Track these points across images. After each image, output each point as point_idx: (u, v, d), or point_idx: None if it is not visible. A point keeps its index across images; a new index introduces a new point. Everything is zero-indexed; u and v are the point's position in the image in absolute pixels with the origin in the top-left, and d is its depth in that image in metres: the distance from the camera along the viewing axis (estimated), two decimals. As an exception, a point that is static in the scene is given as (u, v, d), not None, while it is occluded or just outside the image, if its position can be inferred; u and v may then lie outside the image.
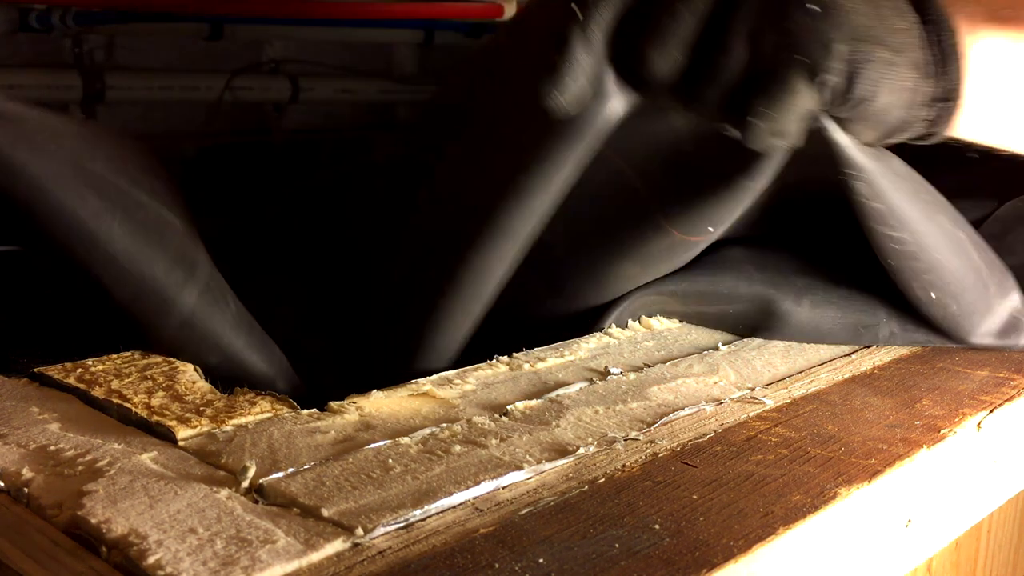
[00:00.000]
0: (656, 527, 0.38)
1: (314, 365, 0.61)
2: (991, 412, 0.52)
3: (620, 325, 0.66)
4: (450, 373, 0.57)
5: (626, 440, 0.47)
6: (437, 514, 0.39)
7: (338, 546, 0.37)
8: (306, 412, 0.50)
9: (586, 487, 0.42)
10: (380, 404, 0.51)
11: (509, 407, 0.51)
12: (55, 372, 0.55)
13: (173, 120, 1.66)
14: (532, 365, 0.58)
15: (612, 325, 0.66)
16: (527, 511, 0.40)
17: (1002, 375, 0.58)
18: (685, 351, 0.62)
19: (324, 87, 1.81)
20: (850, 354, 0.63)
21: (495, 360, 0.59)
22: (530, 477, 0.43)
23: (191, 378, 0.55)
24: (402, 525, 0.38)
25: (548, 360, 0.59)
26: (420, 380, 0.55)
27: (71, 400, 0.52)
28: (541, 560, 0.36)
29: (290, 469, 0.43)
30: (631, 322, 0.67)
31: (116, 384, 0.53)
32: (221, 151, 1.69)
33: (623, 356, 0.61)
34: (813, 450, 0.46)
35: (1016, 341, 0.63)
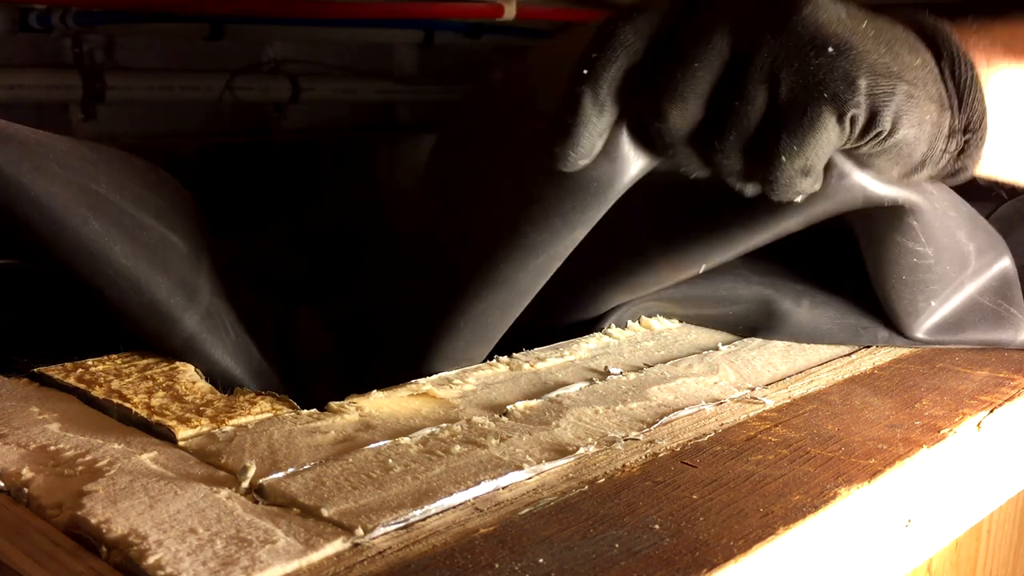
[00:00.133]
0: (656, 527, 0.38)
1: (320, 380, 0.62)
2: (991, 412, 0.52)
3: (620, 325, 0.66)
4: (450, 373, 0.57)
5: (626, 440, 0.47)
6: (437, 514, 0.39)
7: (338, 546, 0.37)
8: (306, 412, 0.50)
9: (586, 487, 0.42)
10: (380, 404, 0.51)
11: (509, 407, 0.51)
12: (55, 372, 0.55)
13: (173, 120, 1.66)
14: (532, 365, 0.59)
15: (612, 325, 0.66)
16: (527, 511, 0.40)
17: (1002, 375, 0.58)
18: (685, 351, 0.62)
19: (324, 87, 1.81)
20: (850, 354, 0.63)
21: (495, 360, 0.59)
22: (530, 477, 0.43)
23: (191, 378, 0.55)
24: (402, 525, 0.38)
25: (548, 360, 0.59)
26: (420, 380, 0.55)
27: (71, 400, 0.52)
28: (541, 560, 0.36)
29: (290, 469, 0.43)
30: (631, 322, 0.67)
31: (116, 384, 0.53)
32: (221, 151, 1.69)
33: (623, 356, 0.61)
34: (813, 450, 0.46)
35: (1013, 337, 0.63)
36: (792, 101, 0.46)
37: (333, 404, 0.51)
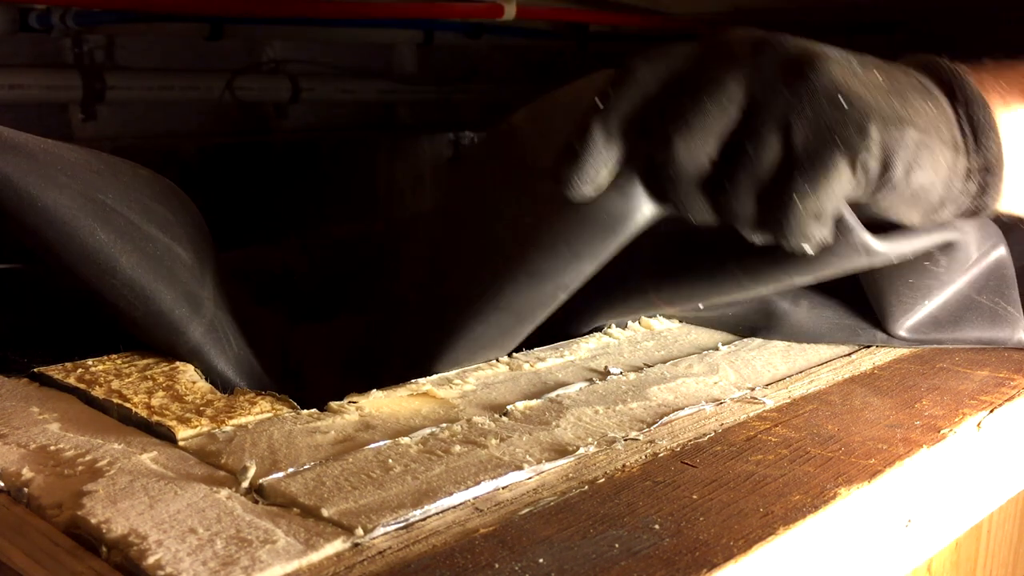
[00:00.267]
0: (656, 527, 0.38)
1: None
2: (991, 412, 0.52)
3: (620, 325, 0.66)
4: (450, 373, 0.57)
5: (626, 440, 0.47)
6: (437, 514, 0.39)
7: (338, 546, 0.37)
8: (306, 412, 0.50)
9: (586, 487, 0.42)
10: (380, 404, 0.51)
11: (509, 407, 0.51)
12: (55, 372, 0.55)
13: (173, 120, 1.66)
14: (532, 365, 0.59)
15: (612, 325, 0.66)
16: (527, 511, 0.40)
17: (1002, 375, 0.58)
18: (685, 351, 0.62)
19: (324, 87, 1.81)
20: (850, 354, 0.63)
21: (495, 360, 0.59)
22: (530, 477, 0.43)
23: (191, 378, 0.55)
24: (402, 525, 0.38)
25: (548, 360, 0.59)
26: (420, 380, 0.55)
27: (71, 400, 0.52)
28: (541, 560, 0.36)
29: (290, 469, 0.43)
30: (631, 322, 0.67)
31: (116, 384, 0.53)
32: (221, 151, 1.69)
33: (623, 356, 0.61)
34: (813, 450, 0.46)
35: (1010, 336, 0.63)
36: (806, 147, 0.46)
37: (333, 404, 0.51)
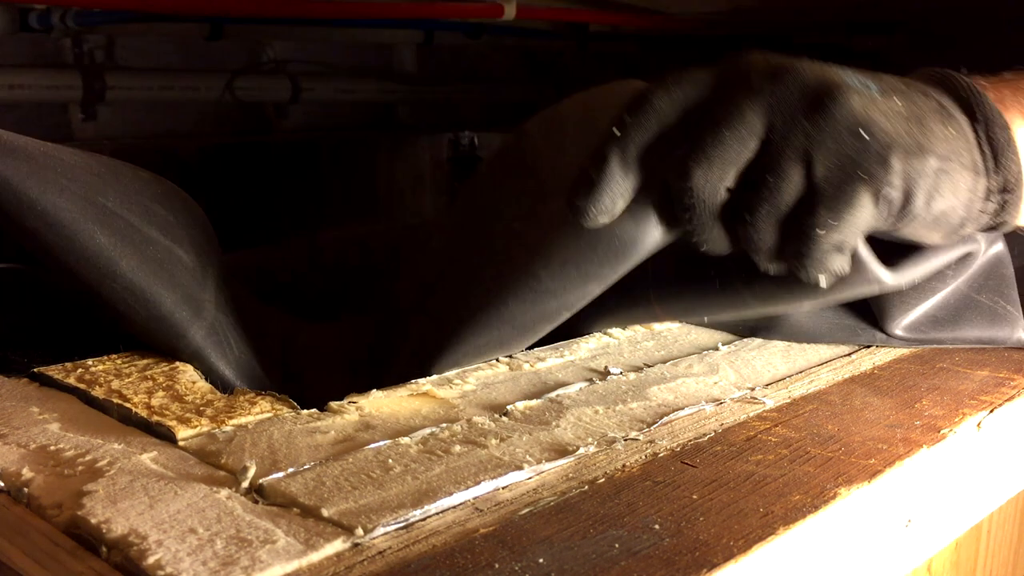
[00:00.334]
0: (656, 527, 0.38)
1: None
2: (991, 412, 0.52)
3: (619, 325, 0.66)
4: (450, 373, 0.57)
5: (626, 440, 0.47)
6: (437, 514, 0.39)
7: (338, 546, 0.37)
8: (306, 412, 0.50)
9: (586, 487, 0.42)
10: (380, 404, 0.51)
11: (509, 407, 0.51)
12: (55, 372, 0.55)
13: (173, 120, 1.66)
14: (532, 365, 0.59)
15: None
16: (527, 511, 0.40)
17: (1002, 375, 0.58)
18: (685, 351, 0.62)
19: (324, 87, 1.81)
20: (850, 354, 0.63)
21: (495, 360, 0.59)
22: (530, 477, 0.43)
23: (191, 378, 0.55)
24: (402, 525, 0.38)
25: (548, 360, 0.59)
26: (420, 380, 0.55)
27: (71, 400, 0.52)
28: (541, 560, 0.36)
29: (290, 469, 0.43)
30: (631, 322, 0.67)
31: (116, 384, 0.53)
32: (221, 151, 1.69)
33: (623, 356, 0.61)
34: (813, 450, 0.46)
35: (1009, 335, 0.63)
36: (828, 179, 0.46)
37: (333, 404, 0.51)
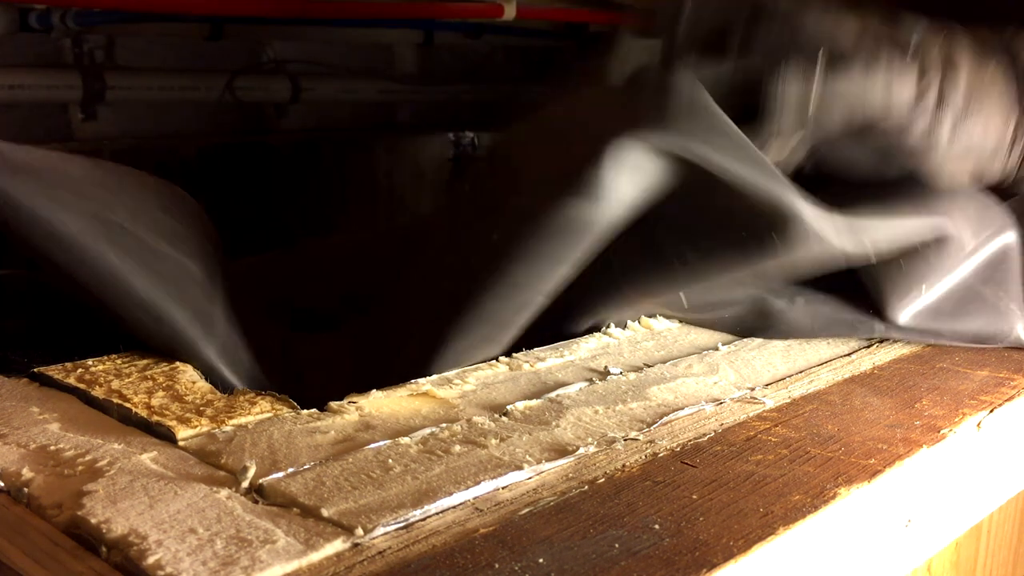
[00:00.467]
0: (656, 527, 0.38)
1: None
2: (991, 412, 0.52)
3: (619, 325, 0.66)
4: (450, 373, 0.57)
5: (626, 440, 0.47)
6: (437, 514, 0.39)
7: (338, 546, 0.37)
8: (306, 412, 0.50)
9: (586, 487, 0.42)
10: (380, 404, 0.51)
11: (509, 407, 0.51)
12: (55, 372, 0.55)
13: (173, 120, 1.66)
14: (532, 365, 0.58)
15: (611, 325, 0.66)
16: (527, 511, 0.40)
17: (1002, 375, 0.58)
18: (685, 351, 0.62)
19: (324, 87, 1.81)
20: (850, 354, 0.63)
21: (495, 360, 0.59)
22: (530, 477, 0.43)
23: (191, 378, 0.55)
24: (402, 525, 0.38)
25: (548, 360, 0.59)
26: (420, 380, 0.55)
27: (71, 400, 0.52)
28: (541, 560, 0.36)
29: (290, 469, 0.43)
30: (631, 322, 0.67)
31: (116, 384, 0.53)
32: (221, 151, 1.69)
33: (623, 356, 0.61)
34: (813, 450, 0.46)
35: (1008, 333, 0.63)
36: None
37: (333, 404, 0.51)
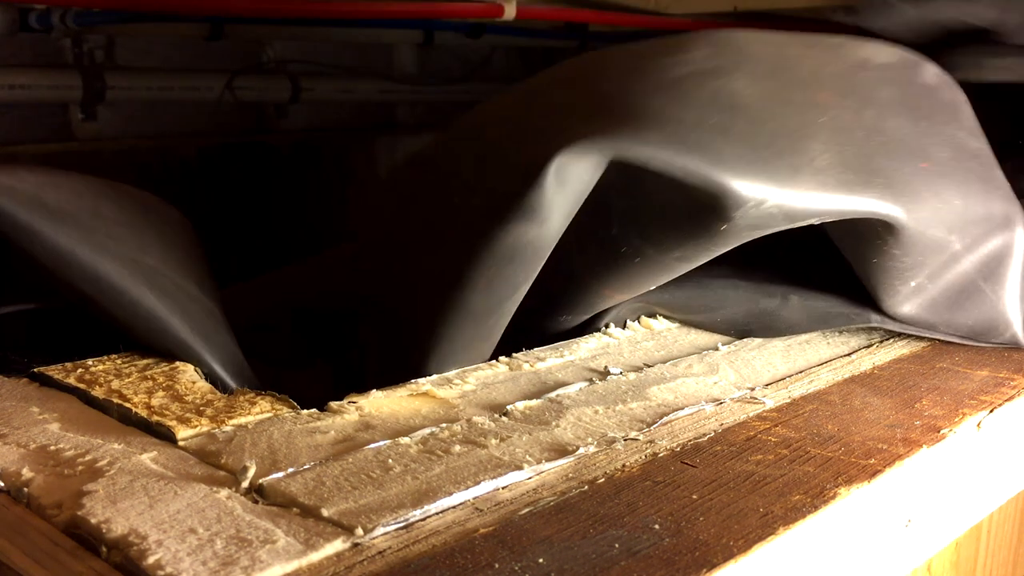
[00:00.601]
0: (656, 527, 0.38)
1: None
2: (991, 412, 0.52)
3: (619, 325, 0.66)
4: (450, 373, 0.57)
5: (626, 440, 0.47)
6: (437, 514, 0.39)
7: (338, 546, 0.37)
8: (306, 412, 0.50)
9: (586, 487, 0.42)
10: (380, 404, 0.51)
11: (509, 407, 0.51)
12: (55, 372, 0.55)
13: (173, 120, 1.66)
14: (532, 365, 0.59)
15: (611, 325, 0.66)
16: (527, 511, 0.40)
17: (1002, 375, 0.58)
18: (685, 351, 0.62)
19: (324, 87, 1.81)
20: (850, 354, 0.63)
21: (495, 360, 0.59)
22: (530, 477, 0.43)
23: (191, 378, 0.55)
24: (402, 525, 0.38)
25: (548, 360, 0.59)
26: (420, 380, 0.55)
27: (71, 400, 0.52)
28: (541, 560, 0.36)
29: (290, 469, 0.43)
30: (631, 322, 0.67)
31: (116, 384, 0.53)
32: (221, 151, 1.69)
33: (623, 356, 0.61)
34: (813, 450, 0.46)
35: (1004, 330, 0.63)
36: None
37: (333, 404, 0.51)
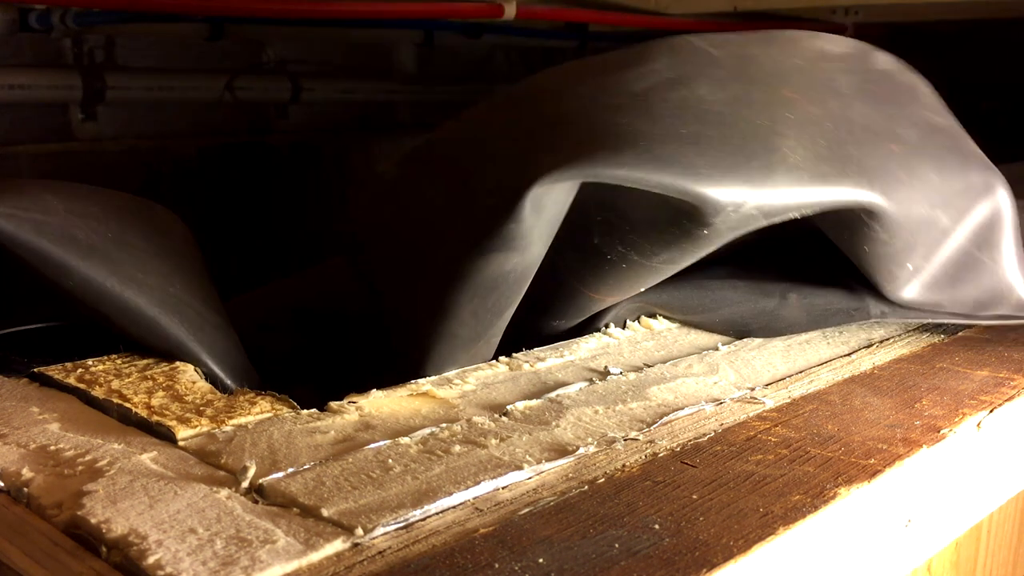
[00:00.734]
0: (656, 527, 0.38)
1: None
2: (991, 412, 0.52)
3: (619, 325, 0.66)
4: (450, 373, 0.57)
5: (626, 440, 0.47)
6: (437, 514, 0.39)
7: (338, 546, 0.37)
8: (306, 412, 0.50)
9: (586, 487, 0.42)
10: (380, 404, 0.51)
11: (509, 407, 0.51)
12: (55, 372, 0.55)
13: (173, 120, 1.66)
14: (532, 365, 0.59)
15: (611, 325, 0.66)
16: (527, 511, 0.40)
17: (1002, 375, 0.58)
18: (685, 351, 0.62)
19: (324, 87, 1.81)
20: (850, 354, 0.63)
21: (495, 360, 0.59)
22: (530, 477, 0.43)
23: (191, 378, 0.55)
24: (402, 525, 0.38)
25: (548, 360, 0.59)
26: (420, 380, 0.55)
27: (71, 400, 0.52)
28: (541, 560, 0.36)
29: (290, 469, 0.43)
30: (631, 322, 0.67)
31: (116, 384, 0.53)
32: (221, 151, 1.69)
33: (623, 356, 0.61)
34: (813, 450, 0.46)
35: (1009, 295, 0.63)
36: None
37: (333, 404, 0.51)
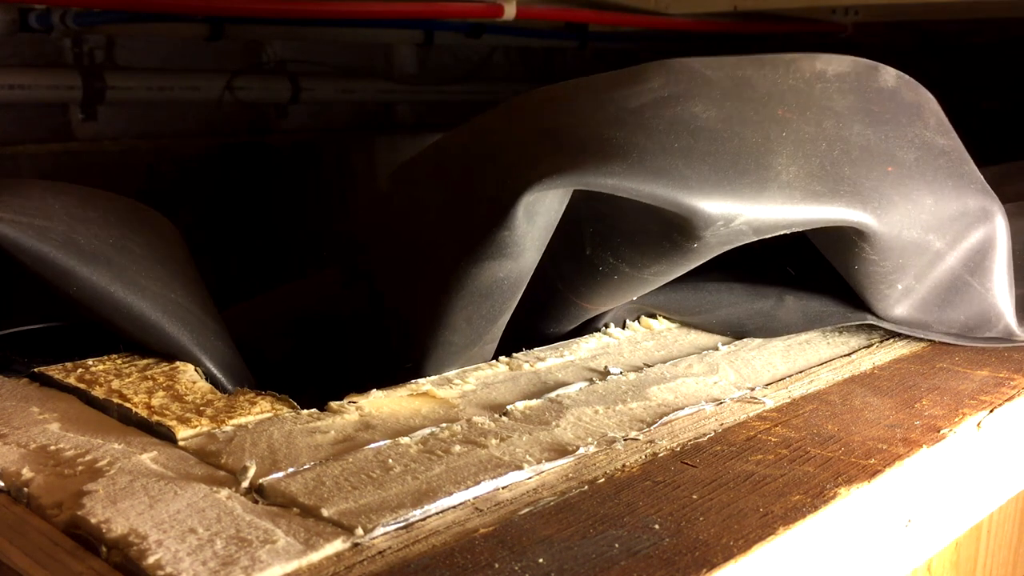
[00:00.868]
0: (656, 527, 0.38)
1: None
2: (991, 412, 0.52)
3: (619, 325, 0.66)
4: (450, 373, 0.57)
5: (626, 440, 0.47)
6: (437, 514, 0.39)
7: (338, 546, 0.37)
8: (306, 412, 0.50)
9: (586, 487, 0.42)
10: (380, 404, 0.51)
11: (509, 407, 0.51)
12: (55, 372, 0.55)
13: (173, 120, 1.66)
14: (532, 365, 0.59)
15: (611, 325, 0.66)
16: (527, 511, 0.40)
17: (1002, 375, 0.58)
18: (685, 351, 0.62)
19: (324, 87, 1.82)
20: (850, 354, 0.63)
21: (495, 360, 0.59)
22: (530, 477, 0.43)
23: (191, 378, 0.55)
24: (402, 525, 0.38)
25: (548, 360, 0.59)
26: (420, 380, 0.55)
27: (71, 400, 0.52)
28: (541, 560, 0.36)
29: (290, 469, 0.43)
30: (631, 322, 0.67)
31: (116, 384, 0.53)
32: (221, 151, 1.69)
33: (623, 356, 0.61)
34: (813, 450, 0.46)
35: (996, 322, 0.64)
36: None
37: (333, 404, 0.51)
